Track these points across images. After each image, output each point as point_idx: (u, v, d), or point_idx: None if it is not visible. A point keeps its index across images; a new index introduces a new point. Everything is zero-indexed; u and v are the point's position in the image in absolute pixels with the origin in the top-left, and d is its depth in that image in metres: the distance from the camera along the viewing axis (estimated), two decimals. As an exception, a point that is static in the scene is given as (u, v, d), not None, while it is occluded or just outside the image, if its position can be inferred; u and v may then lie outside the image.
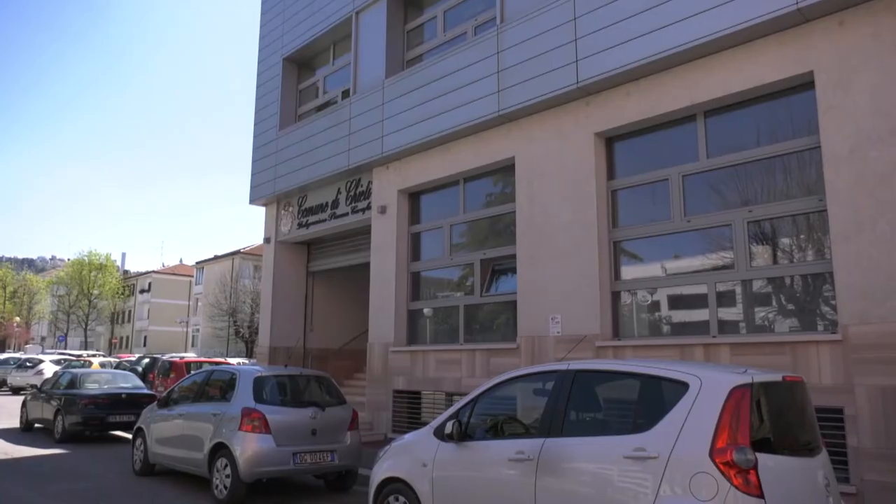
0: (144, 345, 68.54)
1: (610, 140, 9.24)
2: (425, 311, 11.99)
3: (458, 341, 11.00)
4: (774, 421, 4.06)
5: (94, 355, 35.09)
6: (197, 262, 65.12)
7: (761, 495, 3.60)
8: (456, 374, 10.56)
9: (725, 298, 7.91)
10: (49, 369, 23.78)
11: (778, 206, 7.52)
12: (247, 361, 26.82)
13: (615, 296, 8.88)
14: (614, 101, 8.89)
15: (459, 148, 11.09)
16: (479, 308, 11.02)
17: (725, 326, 7.80)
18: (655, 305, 8.70)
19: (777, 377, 4.24)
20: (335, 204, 13.97)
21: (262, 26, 16.64)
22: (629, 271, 8.92)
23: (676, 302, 8.59)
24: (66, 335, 63.38)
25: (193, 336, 63.73)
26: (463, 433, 5.04)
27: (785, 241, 7.60)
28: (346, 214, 13.67)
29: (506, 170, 10.60)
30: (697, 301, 8.19)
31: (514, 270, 10.07)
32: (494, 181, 11.11)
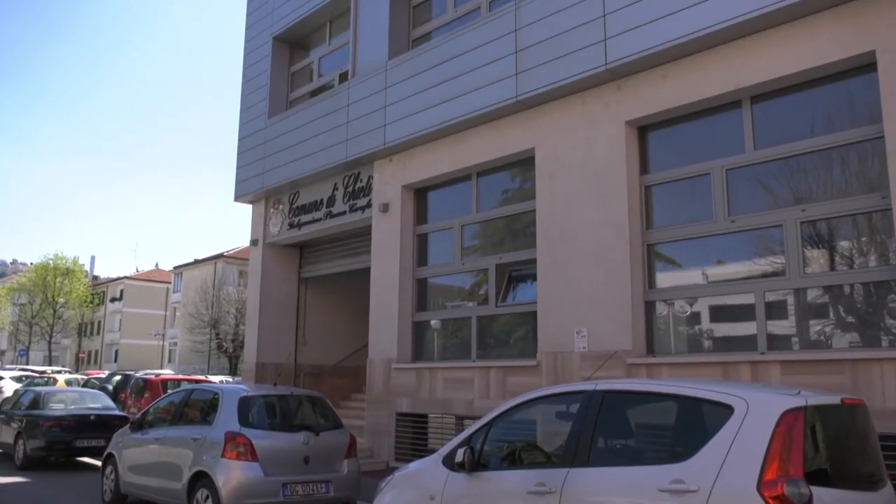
0: (116, 360, 68.91)
1: (643, 129, 9.23)
2: (433, 322, 12.00)
3: (471, 357, 11.00)
4: (832, 450, 4.04)
5: (59, 371, 35.32)
6: (175, 267, 65.44)
7: (817, 535, 3.58)
8: (468, 395, 10.56)
9: (775, 310, 7.87)
10: (9, 387, 23.92)
11: (835, 205, 7.48)
12: (231, 379, 26.90)
13: (649, 306, 8.86)
14: (648, 85, 8.88)
15: (472, 138, 11.10)
16: (494, 320, 11.01)
17: (775, 341, 7.76)
18: (695, 317, 8.66)
19: (835, 400, 4.21)
20: (331, 201, 14.02)
21: (249, 1, 16.74)
22: (665, 278, 8.89)
23: (719, 313, 8.55)
24: (27, 349, 63.82)
25: (171, 350, 63.96)
26: (476, 462, 5.04)
27: (844, 245, 7.55)
28: (343, 213, 13.71)
29: (525, 163, 10.61)
30: (743, 312, 8.14)
31: (533, 277, 10.06)
32: (512, 176, 11.11)
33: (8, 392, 22.51)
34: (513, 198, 11.04)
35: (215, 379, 23.55)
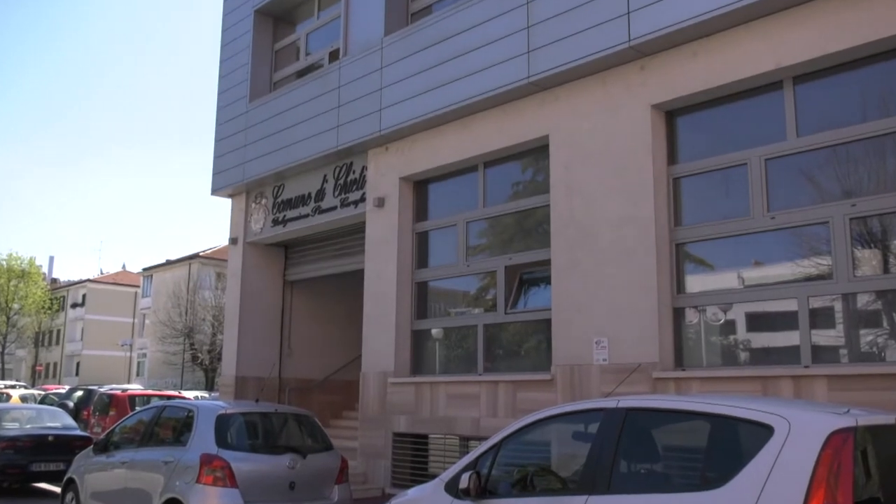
0: (77, 373, 69.03)
1: (671, 114, 9.22)
2: (434, 331, 12.00)
3: (477, 371, 11.01)
4: (886, 476, 4.03)
5: (13, 386, 35.41)
6: (144, 269, 65.62)
7: (868, 572, 3.57)
8: (473, 413, 10.56)
9: (821, 317, 7.85)
10: (-42, 404, 24.00)
11: (890, 199, 7.46)
12: (207, 395, 26.93)
13: (678, 313, 8.85)
14: (677, 65, 8.87)
15: (479, 124, 11.10)
16: (504, 328, 11.01)
17: (821, 353, 7.75)
18: (730, 326, 8.64)
19: (889, 419, 4.20)
20: (320, 195, 14.03)
21: (227, -31, 16.76)
22: (696, 282, 8.88)
23: (757, 322, 8.53)
24: (-22, 361, 64.00)
25: (139, 362, 64.09)
26: (483, 488, 5.03)
27: (898, 244, 7.54)
28: (333, 208, 13.73)
29: (538, 151, 10.61)
30: (785, 320, 8.13)
31: (548, 280, 10.06)
32: (523, 166, 11.11)
33: (-43, 409, 22.57)
34: (524, 191, 11.03)
35: (189, 395, 23.57)
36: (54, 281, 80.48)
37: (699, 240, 8.86)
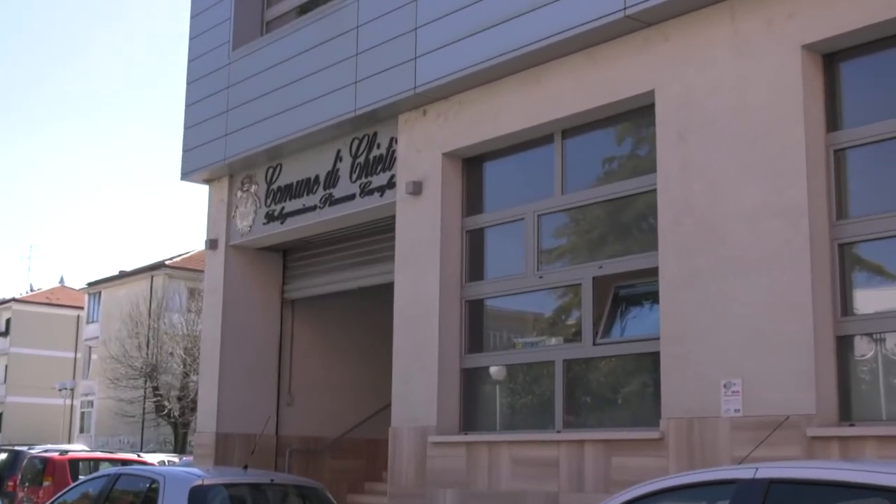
0: None
1: (831, 58, 9.13)
2: (493, 370, 12.01)
3: (554, 426, 11.00)
4: None
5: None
6: (90, 284, 66.71)
7: None
8: (550, 486, 10.55)
9: None
10: None
11: None
12: (177, 460, 27.31)
13: (843, 343, 8.75)
14: (839, -13, 8.78)
15: (554, 76, 11.10)
16: (592, 366, 10.99)
17: None
18: (919, 362, 8.52)
19: None
20: (332, 179, 14.13)
21: None
22: (870, 298, 8.79)
23: (959, 356, 8.40)
24: None
25: (84, 413, 65.15)
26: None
27: None
28: (350, 197, 13.81)
29: (639, 114, 10.58)
30: None
31: (654, 297, 10.02)
32: (618, 136, 11.10)
33: None
34: (620, 171, 11.01)
35: (153, 458, 23.96)
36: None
37: (873, 237, 8.75)
